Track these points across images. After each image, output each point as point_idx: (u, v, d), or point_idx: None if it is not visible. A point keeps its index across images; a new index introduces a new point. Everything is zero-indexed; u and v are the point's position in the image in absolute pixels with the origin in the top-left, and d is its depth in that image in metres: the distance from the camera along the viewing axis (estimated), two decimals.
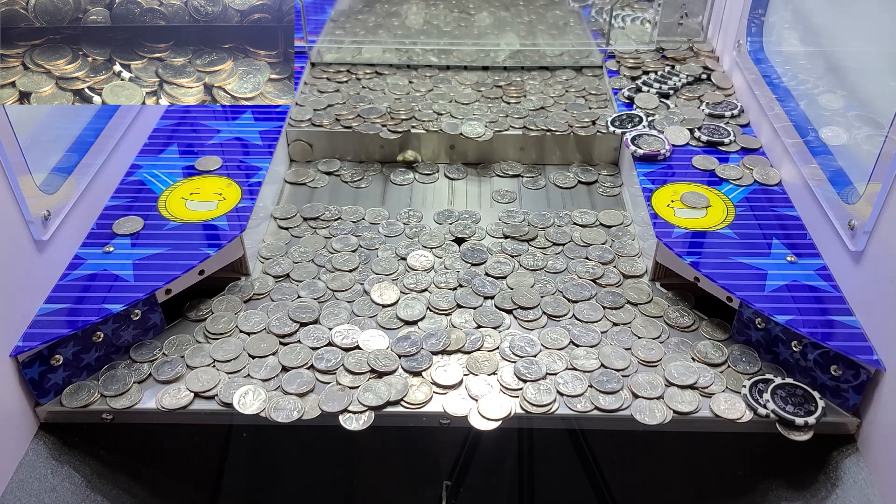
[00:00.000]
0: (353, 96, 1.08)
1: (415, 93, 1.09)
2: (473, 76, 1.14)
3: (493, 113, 1.04)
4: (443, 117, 1.03)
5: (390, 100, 1.07)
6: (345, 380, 0.70)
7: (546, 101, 1.07)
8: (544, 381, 0.70)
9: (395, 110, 1.03)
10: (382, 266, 0.84)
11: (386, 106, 1.05)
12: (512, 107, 1.06)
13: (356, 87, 1.11)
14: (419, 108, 1.05)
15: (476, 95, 1.08)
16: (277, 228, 0.91)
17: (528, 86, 1.11)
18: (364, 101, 1.06)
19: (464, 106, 1.06)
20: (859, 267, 0.71)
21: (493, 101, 1.07)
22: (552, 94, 1.09)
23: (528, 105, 1.06)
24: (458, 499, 0.90)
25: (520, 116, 1.03)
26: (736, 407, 0.69)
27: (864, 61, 0.84)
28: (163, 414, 0.69)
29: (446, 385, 0.70)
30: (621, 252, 0.86)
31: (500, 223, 0.90)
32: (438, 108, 1.05)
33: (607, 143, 1.01)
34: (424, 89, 1.10)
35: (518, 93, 1.09)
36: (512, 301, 0.79)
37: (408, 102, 1.06)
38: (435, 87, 1.11)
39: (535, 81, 1.12)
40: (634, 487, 0.90)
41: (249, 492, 0.92)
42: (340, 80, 1.13)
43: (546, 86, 1.12)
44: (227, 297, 0.80)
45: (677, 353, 0.74)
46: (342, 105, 1.05)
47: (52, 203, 0.73)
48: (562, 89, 1.11)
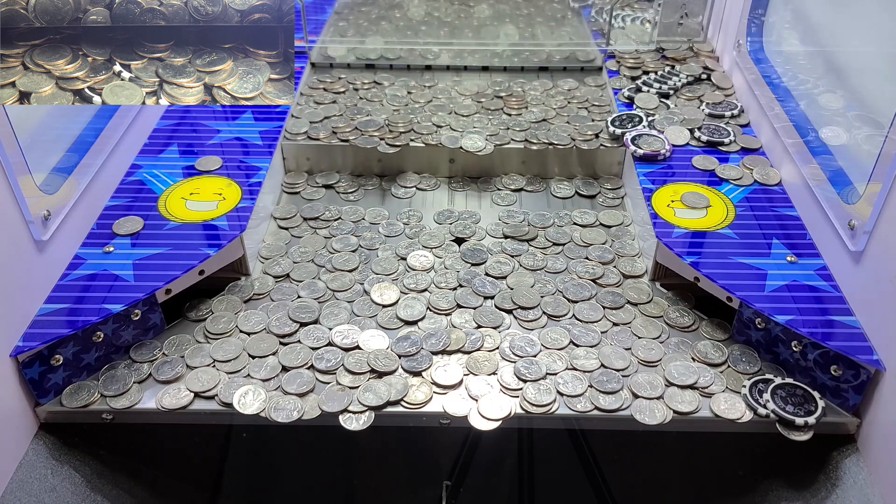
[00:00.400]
0: (351, 108, 1.05)
1: (414, 104, 1.06)
2: (474, 85, 1.12)
3: (493, 125, 1.01)
4: (442, 130, 1.00)
5: (388, 111, 1.04)
6: (345, 380, 0.70)
7: (548, 112, 1.05)
8: (544, 381, 0.70)
9: (394, 122, 1.01)
10: (382, 266, 0.84)
11: (384, 118, 1.02)
12: (513, 119, 1.03)
13: (353, 97, 1.08)
14: (418, 119, 1.02)
15: (476, 107, 1.06)
16: (277, 228, 0.91)
17: (530, 96, 1.09)
18: (362, 112, 1.04)
19: (464, 118, 1.03)
20: (859, 267, 0.71)
21: (494, 113, 1.05)
22: (554, 105, 1.07)
23: (529, 117, 1.04)
24: (458, 499, 0.90)
25: (521, 129, 1.01)
26: (736, 407, 0.69)
27: (864, 61, 0.84)
28: (163, 414, 0.69)
29: (446, 385, 0.70)
30: (621, 252, 0.86)
31: (499, 223, 0.90)
32: (438, 119, 1.02)
33: (610, 157, 0.99)
34: (423, 100, 1.07)
35: (519, 104, 1.06)
36: (512, 301, 0.79)
37: (406, 114, 1.03)
38: (434, 98, 1.08)
39: (536, 92, 1.10)
40: (634, 487, 0.90)
41: (249, 492, 0.92)
42: (338, 90, 1.10)
43: (548, 96, 1.09)
44: (227, 297, 0.80)
45: (677, 352, 0.74)
46: (339, 117, 1.03)
47: (52, 203, 0.73)
48: (564, 100, 1.08)
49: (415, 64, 1.18)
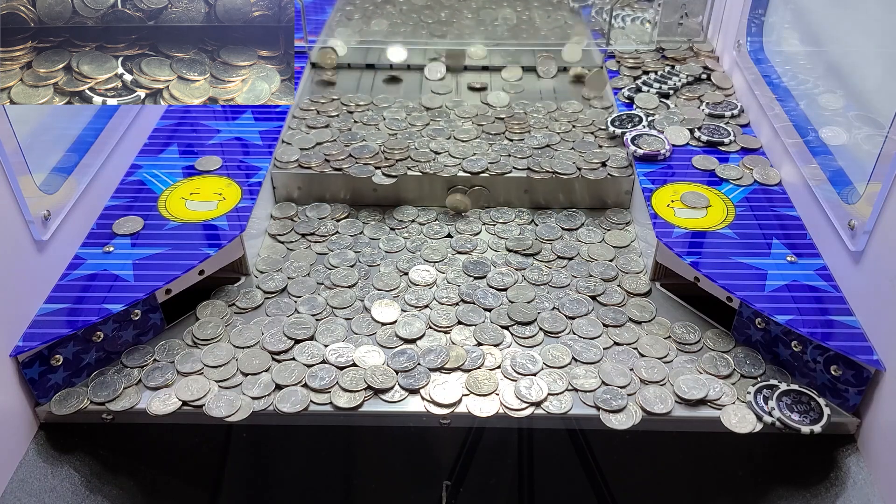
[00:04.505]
0: (345, 132, 0.99)
1: (411, 127, 1.01)
2: (473, 108, 1.06)
3: (494, 152, 0.96)
4: (440, 157, 0.95)
5: (384, 136, 0.99)
6: (340, 399, 0.69)
7: (552, 137, 0.99)
8: (547, 403, 0.69)
9: (390, 149, 0.95)
10: (384, 281, 0.82)
11: (379, 143, 0.96)
12: (515, 144, 0.98)
13: (348, 121, 1.02)
14: (416, 146, 0.97)
15: (476, 131, 1.00)
16: (274, 242, 0.89)
17: (532, 119, 1.03)
18: (356, 138, 0.98)
19: (463, 143, 0.97)
20: (859, 267, 0.71)
21: (495, 138, 0.99)
22: (558, 129, 1.01)
23: (532, 142, 0.98)
24: (458, 499, 0.90)
25: (523, 156, 0.95)
26: (746, 419, 0.68)
27: (864, 61, 0.84)
28: (161, 414, 0.69)
29: (445, 404, 0.69)
30: (626, 269, 0.85)
31: (501, 240, 0.89)
32: (436, 145, 0.97)
33: (618, 186, 0.93)
34: (421, 123, 1.02)
35: (521, 128, 1.01)
36: (508, 317, 0.77)
37: (403, 139, 0.97)
38: (433, 121, 1.03)
39: (539, 115, 1.05)
40: (634, 487, 0.90)
41: (249, 492, 0.92)
42: (331, 113, 1.04)
43: (551, 119, 1.04)
44: (219, 304, 0.80)
45: (683, 367, 0.73)
46: (332, 143, 0.97)
47: (52, 203, 0.73)
48: (568, 123, 1.02)
49: (415, 64, 1.18)
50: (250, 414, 0.68)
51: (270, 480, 0.92)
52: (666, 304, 0.81)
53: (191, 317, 0.78)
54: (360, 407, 0.69)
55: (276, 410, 0.68)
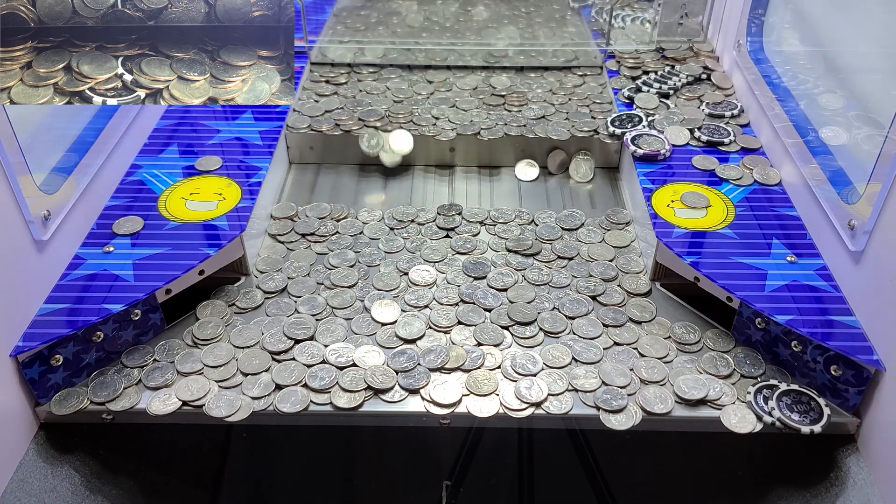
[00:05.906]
0: (351, 99, 1.08)
1: (416, 95, 1.09)
2: (475, 81, 1.13)
3: (491, 120, 1.03)
4: (440, 122, 1.03)
5: (389, 102, 1.07)
6: (340, 399, 0.69)
7: (548, 109, 1.06)
8: (547, 404, 0.69)
9: (394, 113, 1.04)
10: (384, 282, 0.82)
11: (385, 108, 1.05)
12: (512, 115, 1.05)
13: (354, 89, 1.11)
14: (419, 112, 1.05)
15: (477, 102, 1.08)
16: (274, 242, 0.89)
17: (532, 93, 1.10)
18: (363, 104, 1.07)
19: (463, 112, 1.05)
20: (859, 267, 0.71)
21: (495, 109, 1.07)
22: (555, 101, 1.08)
23: (528, 113, 1.05)
24: (458, 499, 0.90)
25: (519, 125, 1.02)
26: (747, 419, 0.68)
27: (864, 61, 0.84)
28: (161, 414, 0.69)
29: (445, 404, 0.69)
30: (626, 269, 0.85)
31: (501, 240, 0.89)
32: (437, 112, 1.05)
33: (608, 148, 1.01)
34: (426, 93, 1.10)
35: (520, 101, 1.08)
36: (508, 317, 0.77)
37: (408, 106, 1.06)
38: (437, 91, 1.11)
39: (540, 90, 1.11)
40: (634, 487, 0.90)
41: (249, 492, 0.92)
42: (339, 81, 1.12)
43: (550, 93, 1.11)
44: (220, 304, 0.80)
45: (683, 367, 0.73)
46: (341, 110, 1.05)
47: (52, 203, 0.73)
48: (565, 97, 1.09)
49: (415, 64, 1.18)
50: (250, 414, 0.68)
51: (270, 480, 0.92)
52: (666, 304, 0.81)
53: (191, 317, 0.78)
54: (360, 407, 0.69)
55: (276, 410, 0.68)
